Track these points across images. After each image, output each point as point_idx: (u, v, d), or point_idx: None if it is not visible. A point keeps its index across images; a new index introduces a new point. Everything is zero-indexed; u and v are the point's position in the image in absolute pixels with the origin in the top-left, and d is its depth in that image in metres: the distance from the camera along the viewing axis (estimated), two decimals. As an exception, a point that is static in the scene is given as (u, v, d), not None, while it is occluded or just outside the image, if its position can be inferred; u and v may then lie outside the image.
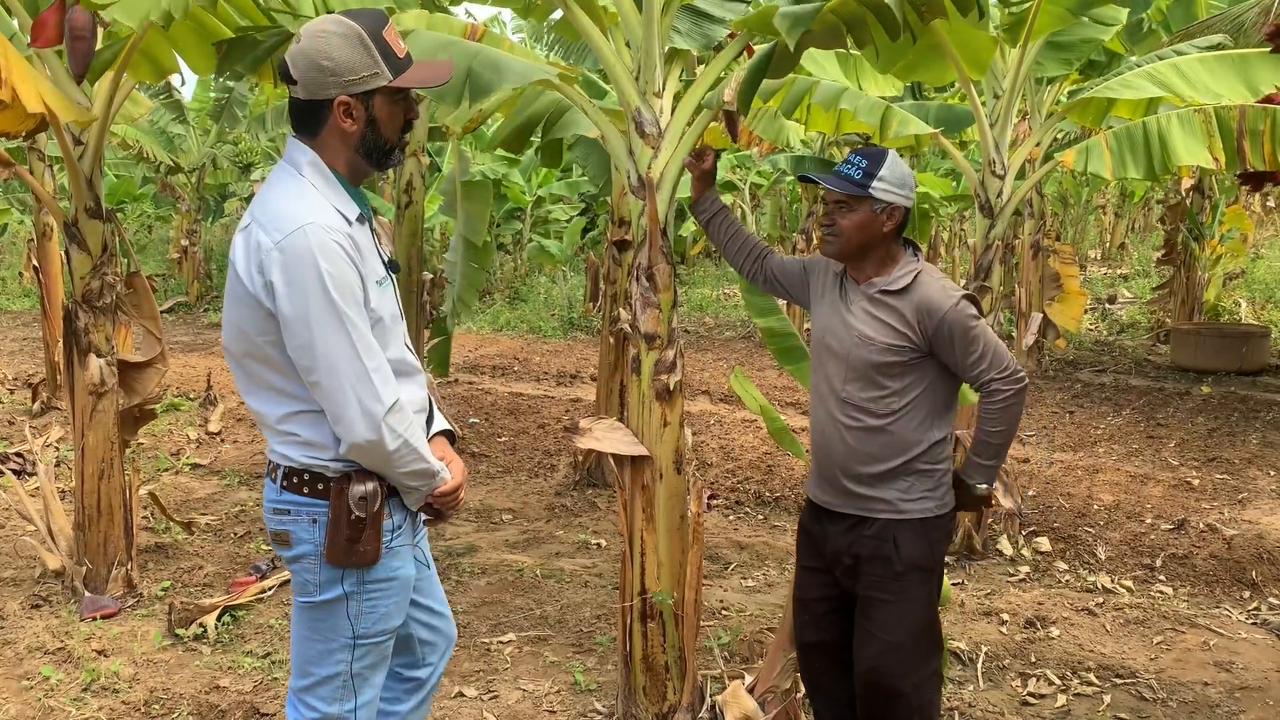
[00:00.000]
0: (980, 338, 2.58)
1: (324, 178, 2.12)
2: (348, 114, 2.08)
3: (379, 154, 2.16)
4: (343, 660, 2.21)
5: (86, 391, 4.18)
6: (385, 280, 2.19)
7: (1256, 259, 15.19)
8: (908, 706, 2.67)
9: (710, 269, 17.10)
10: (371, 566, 2.17)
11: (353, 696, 2.24)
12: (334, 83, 2.05)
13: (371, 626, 2.22)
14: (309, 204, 2.06)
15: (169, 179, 13.14)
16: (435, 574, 2.51)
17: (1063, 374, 9.06)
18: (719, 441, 6.76)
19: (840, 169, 2.65)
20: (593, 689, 3.62)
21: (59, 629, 4.00)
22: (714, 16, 3.33)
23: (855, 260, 2.68)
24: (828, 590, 2.79)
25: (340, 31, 2.04)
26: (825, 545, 2.76)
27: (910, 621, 2.65)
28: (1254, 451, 6.57)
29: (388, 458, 2.09)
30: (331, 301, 2.00)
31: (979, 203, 4.80)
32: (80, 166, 4.09)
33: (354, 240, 2.08)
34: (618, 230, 5.91)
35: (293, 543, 2.18)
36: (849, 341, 2.64)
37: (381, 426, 2.05)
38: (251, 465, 6.44)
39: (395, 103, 2.13)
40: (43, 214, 7.71)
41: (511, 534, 5.35)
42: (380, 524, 2.16)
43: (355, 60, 2.04)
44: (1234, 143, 3.87)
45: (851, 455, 2.64)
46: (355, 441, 2.06)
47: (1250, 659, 3.95)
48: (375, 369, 2.06)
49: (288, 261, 2.00)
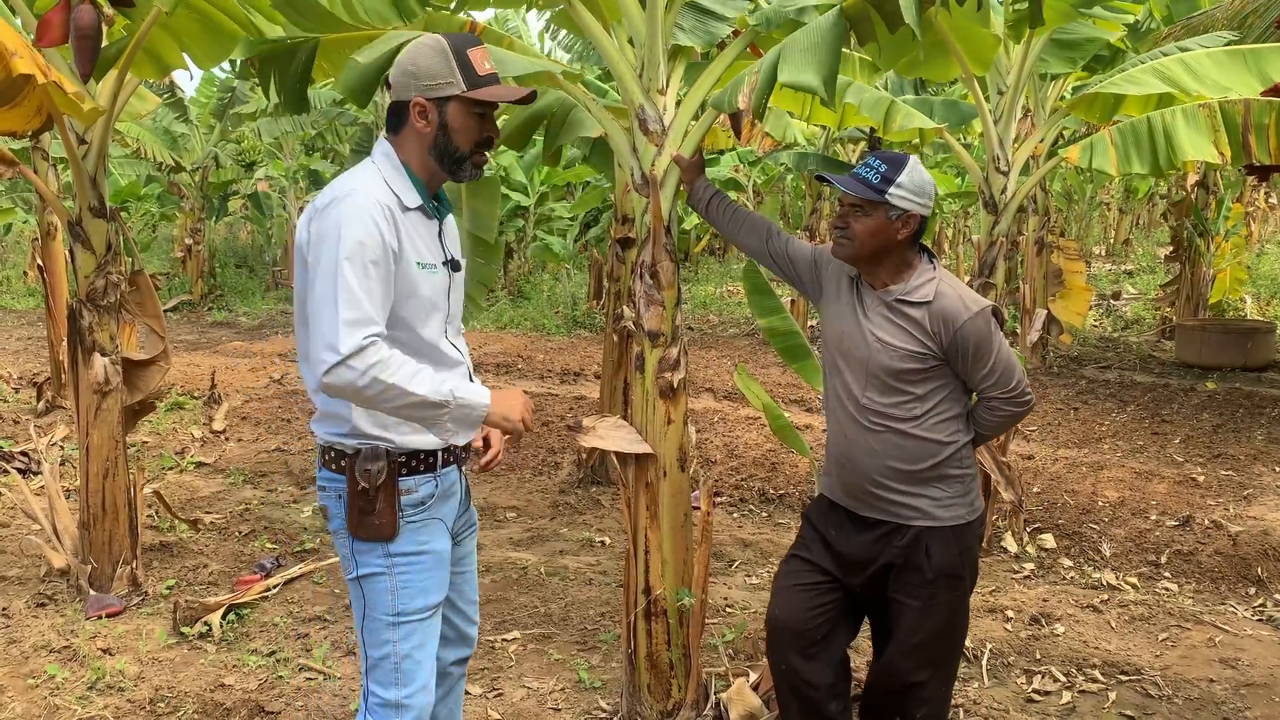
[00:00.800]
0: (993, 353, 2.55)
1: (391, 164, 2.30)
2: (422, 115, 2.28)
3: (450, 160, 2.32)
4: (389, 640, 2.32)
5: (91, 390, 4.19)
6: (436, 269, 2.32)
7: (1262, 255, 15.16)
8: (917, 700, 2.67)
9: (714, 266, 17.11)
10: (390, 540, 2.28)
11: (406, 682, 2.33)
12: (414, 85, 2.26)
13: (409, 603, 2.32)
14: (364, 178, 2.26)
15: (172, 178, 13.16)
16: (473, 573, 2.61)
17: (1067, 370, 9.05)
18: (723, 439, 6.75)
19: (858, 171, 2.60)
20: (597, 686, 3.62)
21: (64, 627, 4.01)
22: (717, 14, 3.33)
23: (868, 265, 2.63)
24: (822, 588, 2.72)
25: (429, 44, 2.29)
26: (846, 551, 2.69)
27: (933, 626, 2.64)
28: (1259, 448, 6.55)
29: (359, 393, 2.12)
30: (336, 256, 2.13)
31: (983, 199, 4.79)
32: (84, 165, 4.10)
33: (394, 216, 2.21)
34: (621, 228, 5.91)
35: (330, 517, 2.35)
36: (867, 348, 2.60)
37: (341, 368, 2.08)
38: (256, 464, 6.45)
39: (469, 115, 2.30)
40: (47, 213, 7.73)
41: (515, 532, 5.35)
42: (393, 497, 2.26)
43: (435, 68, 2.25)
44: (1239, 136, 3.85)
45: (878, 461, 2.60)
46: (320, 378, 2.11)
47: (1256, 655, 3.94)
48: (351, 321, 2.11)
49: (325, 215, 2.19)
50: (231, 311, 13.56)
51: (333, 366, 2.08)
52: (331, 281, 2.12)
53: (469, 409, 2.20)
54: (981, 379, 2.58)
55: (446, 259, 2.37)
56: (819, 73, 2.55)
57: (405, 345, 2.26)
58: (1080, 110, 4.61)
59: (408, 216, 2.26)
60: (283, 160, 15.14)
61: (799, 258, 2.88)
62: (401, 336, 2.27)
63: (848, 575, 2.71)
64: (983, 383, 2.59)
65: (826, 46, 2.58)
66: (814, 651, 2.70)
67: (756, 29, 3.00)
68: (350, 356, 2.08)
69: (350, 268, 2.12)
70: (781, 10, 2.90)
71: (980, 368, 2.56)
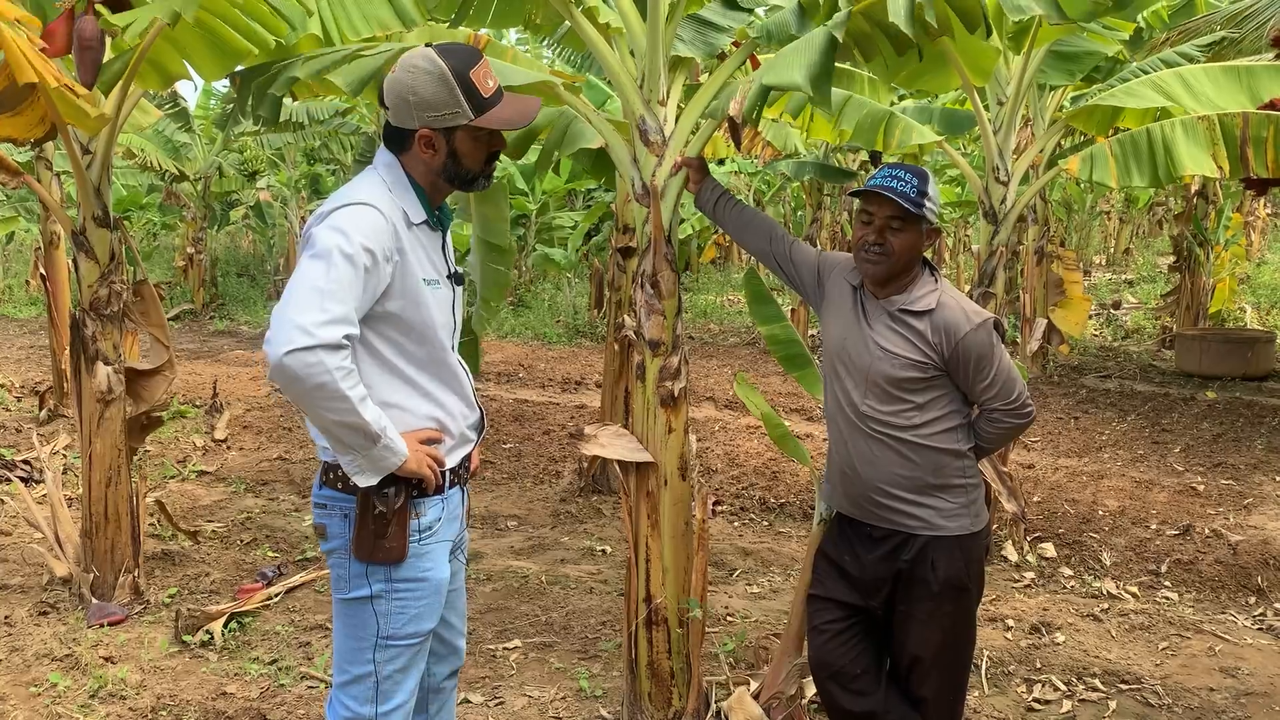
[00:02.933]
0: (995, 365, 2.56)
1: (396, 177, 2.25)
2: (429, 145, 2.22)
3: (461, 181, 2.30)
4: (373, 660, 2.27)
5: (94, 399, 4.20)
6: (440, 284, 2.29)
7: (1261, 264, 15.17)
8: (928, 711, 2.71)
9: (715, 275, 17.13)
10: (398, 564, 2.23)
11: (384, 700, 2.28)
12: (417, 116, 2.18)
13: (401, 628, 2.27)
14: (370, 189, 2.20)
15: (174, 187, 13.19)
16: (462, 588, 2.57)
17: (1067, 379, 9.06)
18: (724, 448, 6.76)
19: (894, 185, 2.52)
20: (598, 695, 3.63)
21: (66, 636, 4.02)
22: (717, 25, 3.35)
23: (895, 281, 2.61)
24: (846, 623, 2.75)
25: (427, 69, 2.17)
26: (860, 574, 2.69)
27: (941, 638, 2.65)
28: (1259, 457, 6.56)
29: (309, 388, 2.00)
30: (336, 248, 2.06)
31: (983, 209, 4.81)
32: (88, 175, 4.12)
33: (398, 233, 2.17)
34: (622, 237, 5.93)
35: (328, 536, 2.28)
36: (869, 355, 2.60)
37: (310, 354, 1.97)
38: (257, 472, 6.46)
39: (477, 139, 2.25)
40: (50, 222, 7.75)
41: (517, 540, 5.36)
42: (406, 522, 2.22)
43: (438, 98, 2.16)
44: (1238, 150, 3.88)
45: (879, 469, 2.61)
46: (280, 356, 1.98)
47: (1256, 664, 3.94)
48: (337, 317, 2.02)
49: (333, 215, 2.13)
50: (233, 320, 13.59)
51: (302, 349, 1.96)
52: (324, 269, 2.04)
53: (389, 454, 2.12)
54: (983, 390, 2.59)
55: (450, 272, 2.35)
56: (805, 72, 2.50)
57: (421, 361, 2.25)
58: (1079, 122, 4.64)
59: (412, 231, 2.22)
60: (285, 170, 15.18)
61: (802, 262, 2.88)
62: (418, 353, 2.25)
63: (867, 598, 2.71)
64: (984, 394, 2.60)
65: (816, 49, 2.55)
66: (856, 687, 2.72)
67: (756, 41, 3.02)
68: (325, 347, 1.99)
69: (347, 266, 2.05)
70: (781, 23, 2.92)
71: (981, 379, 2.57)
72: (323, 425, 2.10)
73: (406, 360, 2.25)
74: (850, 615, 2.74)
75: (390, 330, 2.21)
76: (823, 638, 2.76)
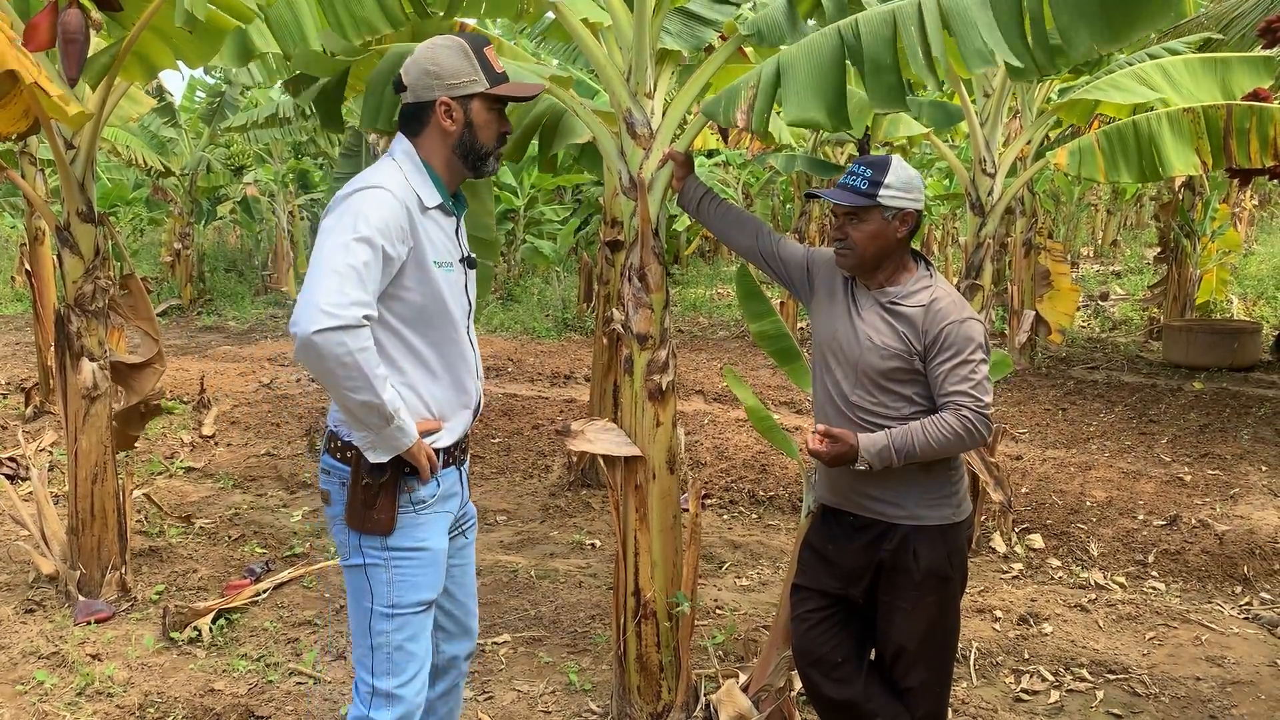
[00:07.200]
0: (973, 360, 2.52)
1: (413, 163, 2.34)
2: (448, 114, 2.32)
3: (475, 158, 2.38)
4: (383, 630, 2.35)
5: (79, 396, 4.18)
6: (453, 266, 2.36)
7: (1248, 255, 15.25)
8: (914, 701, 2.72)
9: (703, 269, 17.12)
10: (386, 536, 2.31)
11: (397, 673, 2.37)
12: (438, 85, 2.31)
13: (404, 596, 2.36)
14: (387, 174, 2.29)
15: (161, 182, 13.11)
16: (471, 564, 2.64)
17: (1055, 371, 9.09)
18: (713, 441, 6.77)
19: (845, 180, 2.62)
20: (588, 689, 3.63)
21: (53, 633, 4.00)
22: (704, 18, 3.34)
23: (872, 271, 2.64)
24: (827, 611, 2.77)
25: (447, 44, 2.34)
26: (841, 562, 2.72)
27: (924, 628, 2.66)
28: (1245, 447, 6.59)
29: (333, 366, 2.10)
30: (356, 231, 2.15)
31: (970, 201, 4.82)
32: (72, 170, 4.09)
33: (412, 216, 2.25)
34: (610, 231, 5.92)
35: (330, 501, 2.38)
36: (859, 346, 2.61)
37: (334, 334, 2.07)
38: (245, 468, 6.44)
39: (491, 111, 2.37)
40: (34, 218, 7.69)
41: (506, 535, 5.35)
42: (395, 494, 2.30)
43: (458, 67, 2.31)
44: (1220, 140, 3.91)
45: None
46: (308, 333, 2.07)
47: (1242, 654, 3.97)
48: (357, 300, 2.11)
49: (350, 199, 2.22)
50: (221, 316, 13.53)
51: (327, 329, 2.06)
52: (344, 253, 2.13)
53: (401, 435, 2.24)
54: (956, 382, 2.50)
55: (463, 256, 2.43)
56: (823, 106, 2.59)
57: (436, 343, 2.33)
58: (1064, 113, 4.65)
59: (427, 216, 2.31)
60: (272, 165, 15.10)
61: (789, 258, 2.89)
62: (433, 335, 2.33)
63: (848, 586, 2.73)
64: (955, 386, 2.50)
65: (828, 78, 2.62)
66: (838, 675, 2.74)
67: (747, 38, 3.01)
68: (347, 328, 2.09)
69: (363, 248, 2.15)
70: (773, 23, 2.91)
71: (958, 370, 2.50)
72: (343, 403, 2.20)
73: (419, 339, 2.33)
74: (833, 604, 2.77)
75: (403, 310, 2.30)
76: (805, 626, 2.79)
